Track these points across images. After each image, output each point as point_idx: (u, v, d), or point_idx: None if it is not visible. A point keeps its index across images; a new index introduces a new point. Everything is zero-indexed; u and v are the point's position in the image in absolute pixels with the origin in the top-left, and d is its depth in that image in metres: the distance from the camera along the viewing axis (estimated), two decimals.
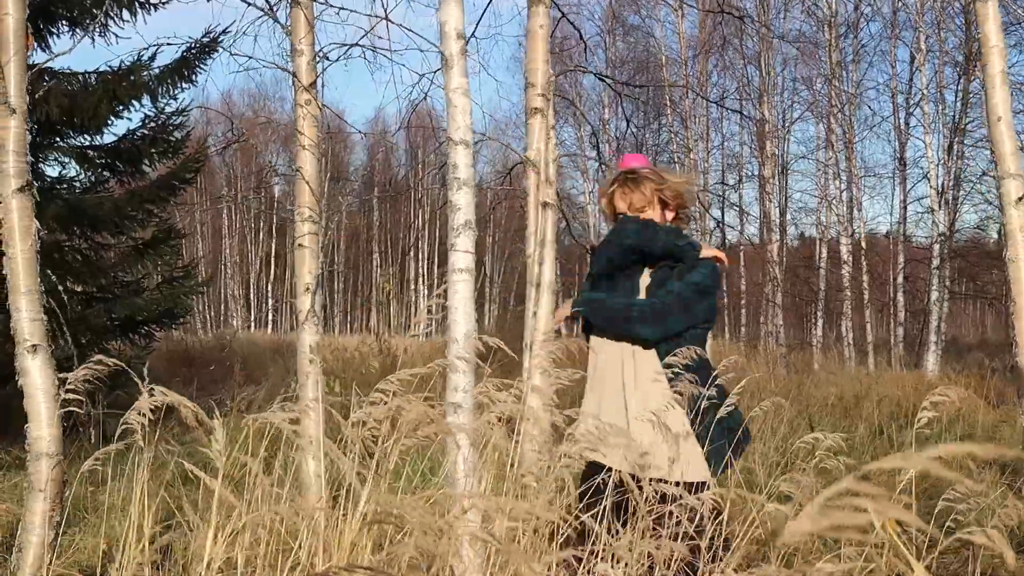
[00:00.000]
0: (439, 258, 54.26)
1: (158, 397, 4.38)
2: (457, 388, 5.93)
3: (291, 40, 7.78)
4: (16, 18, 5.08)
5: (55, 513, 5.16)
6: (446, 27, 6.06)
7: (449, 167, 6.05)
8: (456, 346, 5.96)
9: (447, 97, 6.09)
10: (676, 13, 33.17)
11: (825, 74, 30.31)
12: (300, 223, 7.75)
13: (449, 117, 6.08)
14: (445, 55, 6.06)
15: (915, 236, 32.00)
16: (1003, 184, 5.59)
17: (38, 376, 5.09)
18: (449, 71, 6.06)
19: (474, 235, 6.04)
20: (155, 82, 12.91)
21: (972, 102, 28.40)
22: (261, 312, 54.45)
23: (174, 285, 13.78)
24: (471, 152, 6.08)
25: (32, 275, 5.09)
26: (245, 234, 54.49)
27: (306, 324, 7.74)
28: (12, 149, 5.06)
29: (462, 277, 5.98)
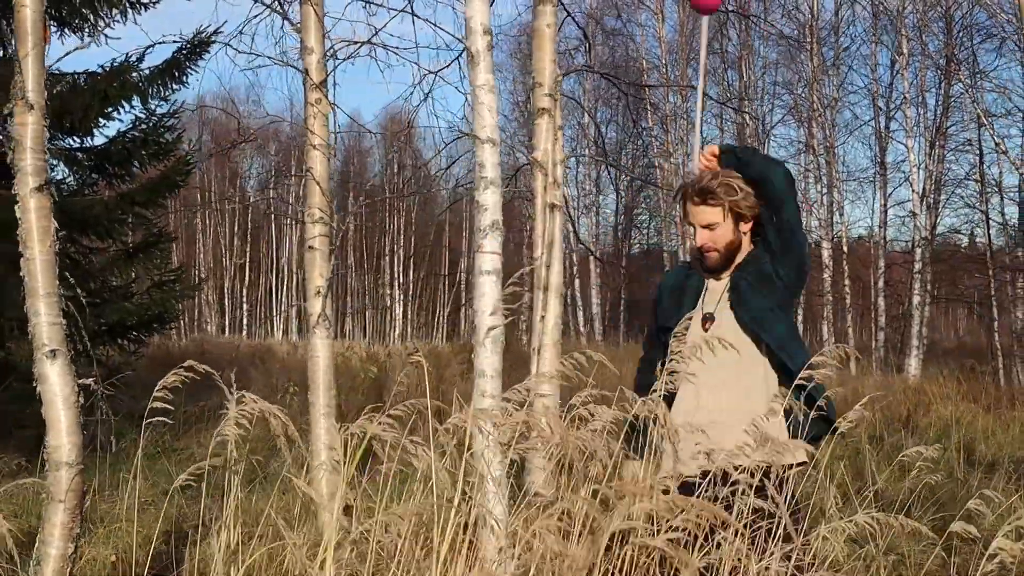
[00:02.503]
0: (414, 263, 54.08)
1: (249, 405, 4.18)
2: (484, 393, 5.76)
3: (301, 37, 7.62)
4: (34, 10, 4.90)
5: (75, 525, 4.96)
6: (472, 22, 5.90)
7: (476, 166, 5.90)
8: (484, 351, 5.78)
9: (473, 94, 5.93)
10: (656, 17, 33.10)
11: (806, 78, 30.28)
12: (311, 225, 7.59)
13: (476, 114, 5.92)
14: (471, 51, 5.90)
15: (896, 240, 31.96)
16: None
17: (58, 382, 4.90)
18: (475, 67, 5.90)
19: (502, 236, 5.88)
20: (145, 83, 12.72)
21: (954, 106, 28.42)
22: (235, 317, 54.16)
23: (164, 289, 13.58)
24: (498, 150, 5.91)
25: (51, 277, 4.91)
26: (219, 239, 54.21)
27: (317, 328, 7.57)
28: (30, 146, 4.88)
29: (490, 279, 5.81)
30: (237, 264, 54.44)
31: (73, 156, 12.87)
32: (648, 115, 32.77)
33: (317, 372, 7.56)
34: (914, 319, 26.99)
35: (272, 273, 54.50)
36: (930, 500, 8.60)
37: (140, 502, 8.57)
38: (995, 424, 14.42)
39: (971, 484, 9.72)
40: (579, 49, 31.69)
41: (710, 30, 32.89)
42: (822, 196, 30.29)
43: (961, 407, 15.55)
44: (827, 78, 30.15)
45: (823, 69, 29.88)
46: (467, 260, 52.39)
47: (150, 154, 12.97)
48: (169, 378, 4.48)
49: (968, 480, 9.91)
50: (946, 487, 9.59)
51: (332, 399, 7.64)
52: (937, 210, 28.84)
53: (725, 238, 4.91)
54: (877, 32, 29.42)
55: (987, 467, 11.16)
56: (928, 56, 28.39)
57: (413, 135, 40.86)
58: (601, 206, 41.66)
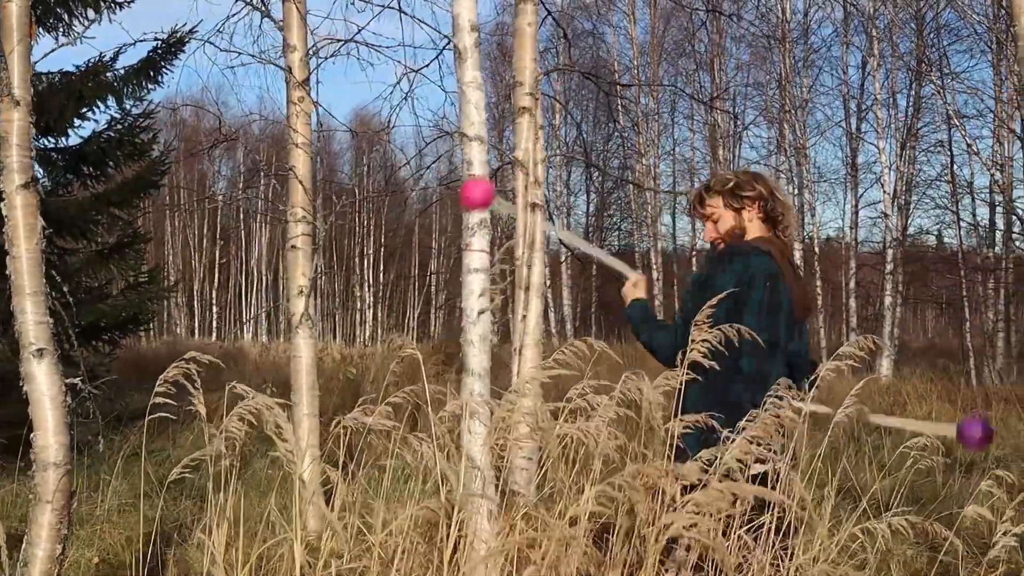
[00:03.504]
0: (385, 265, 53.97)
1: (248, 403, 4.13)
2: (473, 392, 5.72)
3: (284, 35, 7.58)
4: (20, 5, 4.85)
5: (62, 525, 4.90)
6: (459, 19, 5.88)
7: (463, 164, 5.88)
8: (472, 349, 5.75)
9: (460, 91, 5.91)
10: (628, 19, 33.14)
11: (778, 79, 30.36)
12: (293, 224, 7.55)
13: (462, 112, 5.90)
14: (459, 47, 5.87)
15: (868, 241, 32.00)
16: None
17: (44, 381, 4.84)
18: (463, 64, 5.88)
19: (490, 234, 5.86)
20: (120, 83, 12.64)
21: (925, 107, 28.51)
22: (205, 319, 53.95)
23: (139, 290, 13.48)
24: (485, 148, 5.88)
25: (38, 275, 4.85)
26: (188, 241, 54.02)
27: (300, 328, 7.53)
28: (16, 143, 4.82)
29: (478, 277, 5.80)
30: (207, 266, 54.23)
31: (48, 156, 12.76)
32: (620, 116, 32.78)
33: (300, 372, 7.53)
34: (886, 320, 27.02)
35: (242, 275, 54.31)
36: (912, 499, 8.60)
37: (121, 503, 8.51)
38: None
39: (951, 484, 9.74)
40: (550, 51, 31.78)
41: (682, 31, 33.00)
42: (793, 197, 30.30)
43: (937, 407, 15.58)
44: (798, 79, 30.21)
45: (794, 70, 29.94)
46: (437, 261, 52.33)
47: (125, 154, 12.88)
48: (170, 371, 4.41)
49: (948, 480, 9.92)
50: (927, 487, 9.61)
51: (315, 399, 7.62)
52: (908, 211, 28.92)
53: (726, 225, 4.95)
54: (848, 33, 29.49)
55: (966, 467, 11.17)
56: (899, 57, 28.47)
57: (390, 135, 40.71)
58: (573, 207, 41.63)
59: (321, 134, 8.98)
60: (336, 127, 31.41)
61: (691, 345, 4.43)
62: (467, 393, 5.70)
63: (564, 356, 4.70)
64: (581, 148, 32.17)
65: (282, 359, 24.20)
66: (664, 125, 35.31)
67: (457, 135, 6.10)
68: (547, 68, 11.14)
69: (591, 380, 4.58)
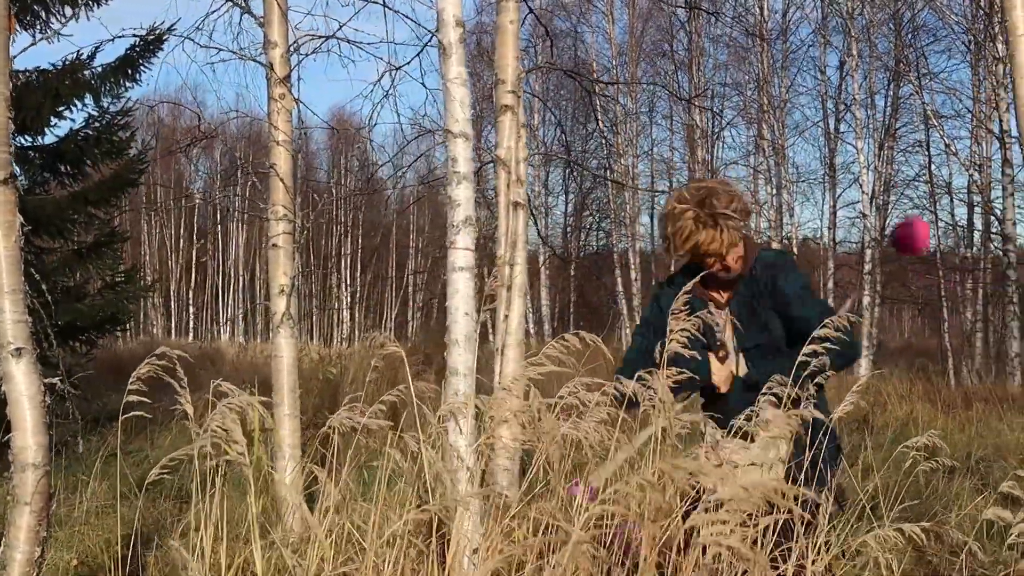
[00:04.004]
0: (362, 265, 53.86)
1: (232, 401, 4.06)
2: (458, 392, 5.65)
3: (264, 31, 7.51)
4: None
5: (41, 528, 4.82)
6: (444, 14, 5.81)
7: (448, 161, 5.81)
8: (457, 349, 5.68)
9: (445, 87, 5.84)
10: (607, 19, 33.14)
11: (756, 79, 30.38)
12: (274, 222, 7.48)
13: (447, 109, 5.83)
14: (443, 43, 5.80)
15: (846, 241, 32.06)
16: None
17: (23, 381, 4.76)
18: (447, 60, 5.81)
19: (475, 231, 5.79)
20: (98, 81, 12.55)
21: (903, 107, 28.58)
22: (182, 320, 53.77)
23: (117, 290, 13.39)
24: (471, 145, 5.82)
25: (16, 274, 4.77)
26: (165, 241, 53.82)
27: (282, 328, 7.45)
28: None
29: (463, 276, 5.73)
30: (183, 266, 54.04)
31: (25, 155, 12.67)
32: (598, 116, 32.75)
33: (281, 372, 7.47)
34: (864, 320, 27.04)
35: (219, 275, 54.15)
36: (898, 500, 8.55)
37: (99, 504, 8.42)
38: (952, 424, 14.44)
39: (935, 484, 9.70)
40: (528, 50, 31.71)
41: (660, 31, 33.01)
42: (772, 197, 30.33)
43: (917, 407, 15.57)
44: (776, 79, 30.23)
45: (773, 70, 29.95)
46: (415, 261, 52.25)
47: (103, 153, 12.80)
48: (142, 368, 4.32)
49: (931, 480, 9.88)
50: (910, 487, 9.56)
51: (296, 399, 7.55)
52: (886, 211, 28.98)
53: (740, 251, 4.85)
54: (826, 34, 29.52)
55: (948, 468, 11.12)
56: (877, 57, 28.51)
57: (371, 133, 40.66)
58: (552, 208, 41.60)
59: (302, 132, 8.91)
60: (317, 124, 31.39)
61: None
62: (452, 393, 5.63)
63: (553, 351, 4.62)
64: (562, 147, 32.15)
65: (260, 359, 24.11)
66: (642, 125, 35.32)
67: (442, 132, 6.06)
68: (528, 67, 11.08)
69: (582, 378, 4.51)
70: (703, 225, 4.70)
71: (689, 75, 32.58)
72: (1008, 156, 23.28)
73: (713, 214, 4.68)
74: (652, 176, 36.59)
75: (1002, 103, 23.27)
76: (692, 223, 4.71)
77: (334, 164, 53.85)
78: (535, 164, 36.43)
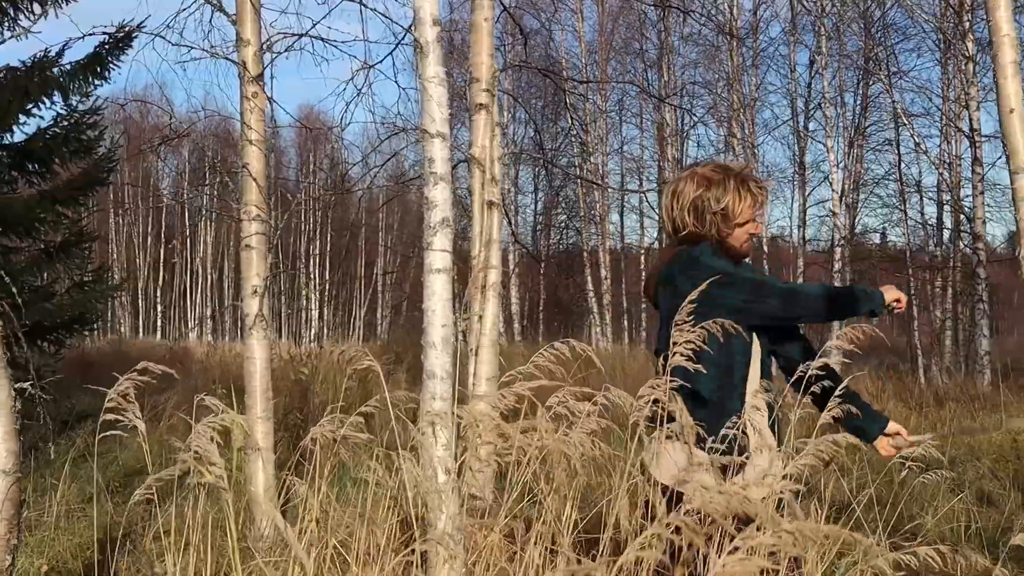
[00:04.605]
0: (331, 264, 53.74)
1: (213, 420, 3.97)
2: (435, 396, 5.58)
3: (237, 29, 7.42)
4: None
5: (12, 535, 4.74)
6: (421, 12, 5.73)
7: (425, 161, 5.72)
8: (434, 351, 5.61)
9: (422, 87, 5.76)
10: (576, 16, 33.15)
11: (726, 77, 30.43)
12: (247, 222, 7.40)
13: (424, 108, 5.75)
14: (420, 42, 5.72)
15: (815, 240, 32.17)
16: (1016, 179, 5.33)
17: None
18: (424, 59, 5.73)
19: (452, 232, 5.72)
20: (67, 78, 12.42)
21: (873, 105, 28.69)
22: (149, 318, 53.54)
23: (85, 290, 13.26)
24: (448, 145, 5.75)
25: None
26: (132, 239, 53.56)
27: (254, 329, 7.37)
28: None
29: (440, 278, 5.64)
30: (151, 264, 53.82)
31: None
32: (568, 115, 32.75)
33: (254, 374, 7.38)
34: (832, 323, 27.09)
35: (186, 273, 53.94)
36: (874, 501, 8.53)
37: (70, 508, 8.32)
38: (924, 424, 14.46)
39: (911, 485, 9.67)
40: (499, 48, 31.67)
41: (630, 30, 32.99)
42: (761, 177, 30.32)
43: (889, 406, 15.57)
44: (746, 77, 30.28)
45: (743, 68, 30.00)
46: (384, 260, 52.17)
47: (72, 151, 12.66)
48: (122, 384, 4.21)
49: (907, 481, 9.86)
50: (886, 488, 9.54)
51: (269, 402, 7.47)
52: (856, 209, 29.08)
53: None
54: (796, 32, 29.57)
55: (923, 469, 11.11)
56: (847, 56, 28.62)
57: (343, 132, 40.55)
58: (521, 206, 41.60)
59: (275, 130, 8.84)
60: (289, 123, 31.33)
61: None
62: (428, 396, 5.55)
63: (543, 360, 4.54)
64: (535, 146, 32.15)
65: (229, 358, 24.00)
66: (612, 123, 35.37)
67: (414, 131, 6.00)
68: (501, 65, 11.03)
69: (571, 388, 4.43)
70: (741, 189, 4.68)
71: (659, 73, 32.60)
72: (978, 155, 23.37)
73: (755, 179, 4.72)
74: (623, 174, 36.67)
75: (972, 101, 23.36)
76: (736, 192, 4.68)
77: (303, 162, 53.72)
78: (505, 162, 36.40)
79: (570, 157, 35.72)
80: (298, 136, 50.00)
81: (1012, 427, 13.24)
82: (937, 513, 8.60)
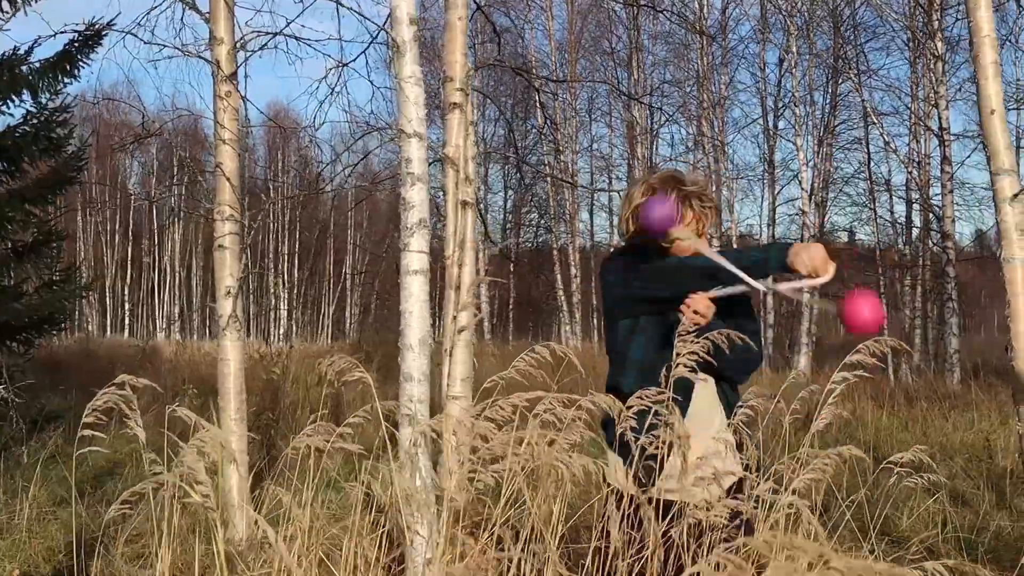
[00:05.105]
0: (299, 262, 53.63)
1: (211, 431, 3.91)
2: (412, 398, 5.54)
3: (210, 27, 7.36)
4: None
5: None
6: (398, 11, 5.69)
7: (402, 162, 5.69)
8: (411, 354, 5.57)
9: (399, 86, 5.73)
10: (546, 15, 33.13)
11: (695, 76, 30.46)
12: (220, 223, 7.34)
13: (401, 110, 5.72)
14: (397, 41, 5.69)
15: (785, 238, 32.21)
16: (997, 180, 5.31)
17: None
18: (401, 59, 5.69)
19: (428, 234, 5.68)
20: (36, 76, 12.32)
21: (842, 104, 28.78)
22: (117, 316, 53.29)
23: (55, 289, 13.14)
24: (425, 145, 5.71)
25: None
26: (100, 236, 53.29)
27: (228, 331, 7.31)
28: None
29: (417, 279, 5.61)
30: (119, 262, 53.55)
31: None
32: (541, 113, 32.75)
33: (228, 376, 7.33)
34: (803, 317, 27.17)
35: (154, 271, 53.72)
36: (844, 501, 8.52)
37: (40, 511, 8.24)
38: (896, 423, 14.48)
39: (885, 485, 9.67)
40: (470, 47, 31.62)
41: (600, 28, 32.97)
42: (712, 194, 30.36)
43: (860, 405, 15.58)
44: (716, 75, 30.33)
45: (712, 67, 30.04)
46: (352, 257, 52.10)
47: (41, 149, 12.55)
48: (102, 398, 4.10)
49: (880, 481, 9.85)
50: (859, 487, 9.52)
51: (243, 404, 7.41)
52: (825, 208, 29.16)
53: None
54: (766, 31, 29.62)
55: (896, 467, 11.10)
56: (816, 54, 28.70)
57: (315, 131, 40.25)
58: (491, 204, 41.59)
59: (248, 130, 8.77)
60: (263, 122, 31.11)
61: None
62: (406, 399, 5.52)
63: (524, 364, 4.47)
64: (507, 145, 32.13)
65: (198, 357, 23.88)
66: (582, 122, 35.39)
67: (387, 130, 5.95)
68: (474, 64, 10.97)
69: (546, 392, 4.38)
70: (686, 206, 4.67)
71: (629, 72, 32.61)
72: (947, 153, 23.44)
73: (700, 195, 4.70)
74: (592, 173, 36.68)
75: (941, 100, 23.41)
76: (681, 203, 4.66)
77: (271, 160, 53.59)
78: (479, 161, 36.36)
79: (540, 155, 35.71)
80: (267, 134, 49.87)
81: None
82: (912, 514, 8.60)
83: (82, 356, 22.40)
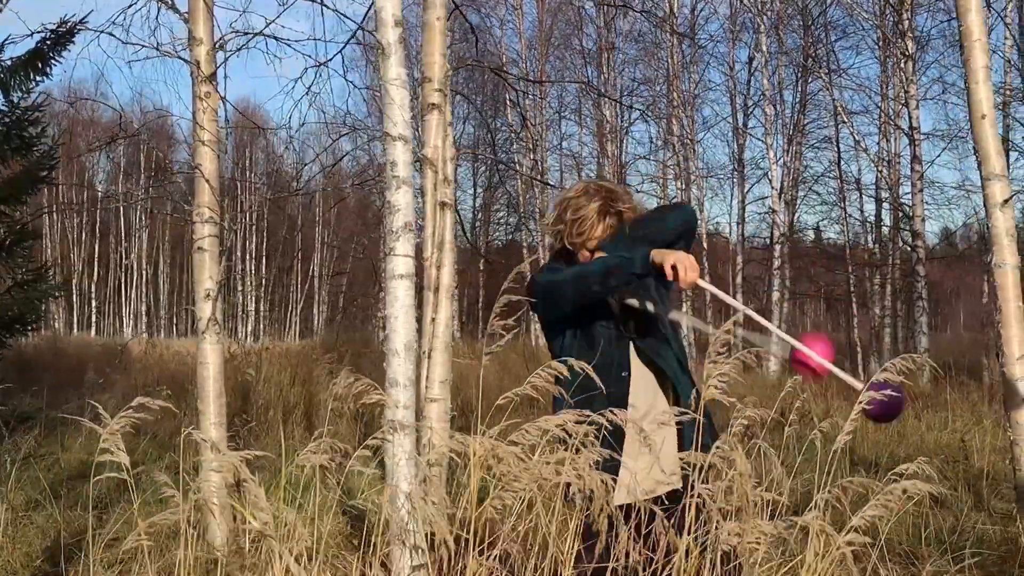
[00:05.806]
0: (267, 260, 53.47)
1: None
2: (398, 404, 5.50)
3: (189, 27, 7.30)
4: None
5: None
6: (383, 13, 5.66)
7: (387, 165, 5.64)
8: (397, 359, 5.53)
9: (384, 89, 5.70)
10: (516, 12, 33.11)
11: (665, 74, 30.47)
12: (199, 224, 7.28)
13: (386, 113, 5.68)
14: (383, 43, 5.65)
15: (755, 236, 32.34)
16: (988, 186, 5.30)
17: None
18: (386, 61, 5.66)
19: (414, 238, 5.64)
20: (7, 75, 12.21)
21: (812, 103, 28.86)
22: (84, 314, 53.04)
23: (26, 289, 13.03)
24: (410, 147, 5.67)
25: None
26: (67, 234, 53.05)
27: (207, 333, 7.25)
28: None
29: (403, 284, 5.58)
30: (86, 259, 53.29)
31: None
32: (517, 111, 32.71)
33: (208, 380, 7.26)
34: (773, 315, 27.19)
35: (121, 269, 53.50)
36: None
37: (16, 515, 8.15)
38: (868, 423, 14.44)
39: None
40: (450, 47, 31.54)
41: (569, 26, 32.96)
42: (681, 192, 30.43)
43: (833, 405, 15.57)
44: (686, 74, 30.33)
45: (682, 65, 30.04)
46: (320, 255, 51.97)
47: (13, 148, 12.44)
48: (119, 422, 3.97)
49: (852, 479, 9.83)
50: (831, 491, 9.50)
51: (222, 407, 7.35)
52: (795, 206, 29.22)
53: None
54: (736, 29, 29.67)
55: (868, 466, 11.15)
56: (786, 53, 28.75)
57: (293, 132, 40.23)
58: (460, 202, 41.56)
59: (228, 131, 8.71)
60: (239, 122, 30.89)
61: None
62: (392, 405, 5.47)
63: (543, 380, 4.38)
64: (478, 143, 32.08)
65: (168, 356, 23.73)
66: (551, 120, 35.36)
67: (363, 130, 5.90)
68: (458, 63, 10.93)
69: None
70: (604, 218, 4.74)
71: (599, 70, 32.58)
72: (917, 152, 23.52)
73: (618, 211, 4.74)
74: (562, 171, 36.65)
75: (911, 99, 23.49)
76: (596, 215, 4.73)
77: (239, 157, 53.42)
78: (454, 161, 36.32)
79: (510, 153, 35.68)
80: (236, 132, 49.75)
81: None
82: (893, 517, 8.58)
83: (51, 355, 22.23)
